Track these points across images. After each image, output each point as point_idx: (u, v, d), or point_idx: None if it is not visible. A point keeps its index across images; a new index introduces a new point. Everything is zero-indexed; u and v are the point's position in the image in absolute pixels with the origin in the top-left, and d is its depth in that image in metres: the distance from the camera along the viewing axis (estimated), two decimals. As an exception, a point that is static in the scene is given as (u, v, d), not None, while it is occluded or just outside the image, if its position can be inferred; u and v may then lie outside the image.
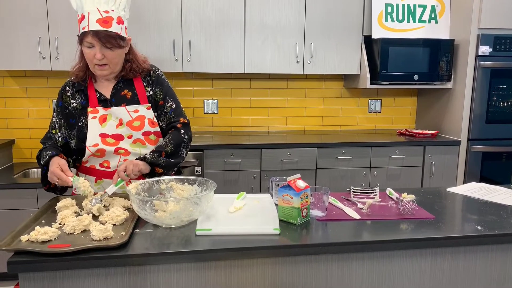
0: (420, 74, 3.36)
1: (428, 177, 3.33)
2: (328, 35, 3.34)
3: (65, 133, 1.77)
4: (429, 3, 3.39)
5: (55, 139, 1.77)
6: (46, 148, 1.73)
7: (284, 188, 1.46)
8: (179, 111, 1.82)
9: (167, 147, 1.71)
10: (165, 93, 1.80)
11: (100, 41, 1.60)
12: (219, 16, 3.19)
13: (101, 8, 1.60)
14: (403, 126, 3.93)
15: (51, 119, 1.80)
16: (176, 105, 1.82)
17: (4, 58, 2.95)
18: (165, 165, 1.69)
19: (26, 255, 1.17)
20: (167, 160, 1.70)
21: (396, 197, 1.72)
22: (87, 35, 1.60)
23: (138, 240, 1.31)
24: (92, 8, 1.60)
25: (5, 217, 2.80)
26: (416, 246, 1.37)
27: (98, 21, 1.59)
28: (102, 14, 1.60)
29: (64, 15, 2.93)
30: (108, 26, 1.60)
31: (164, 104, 1.79)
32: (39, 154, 1.73)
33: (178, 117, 1.80)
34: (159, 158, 1.67)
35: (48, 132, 1.79)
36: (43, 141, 1.79)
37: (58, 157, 1.66)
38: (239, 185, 3.12)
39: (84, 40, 1.62)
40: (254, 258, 1.30)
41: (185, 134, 1.78)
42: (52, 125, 1.79)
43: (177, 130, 1.77)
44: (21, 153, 3.40)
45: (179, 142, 1.75)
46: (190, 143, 1.82)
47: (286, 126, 3.80)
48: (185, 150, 1.80)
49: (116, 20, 1.63)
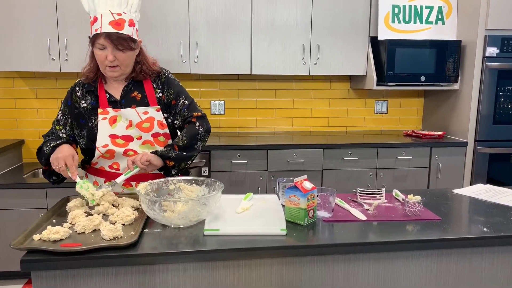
0: (426, 75, 3.36)
1: (434, 178, 3.32)
2: (334, 36, 3.35)
3: (71, 131, 1.79)
4: (436, 4, 3.39)
5: (58, 135, 1.77)
6: (51, 139, 1.72)
7: (290, 189, 1.48)
8: (193, 106, 1.83)
9: (179, 141, 1.72)
10: (177, 92, 1.81)
11: (112, 43, 1.62)
12: (226, 18, 3.21)
13: (113, 11, 1.63)
14: (410, 127, 3.93)
15: (56, 116, 1.80)
16: (189, 101, 1.82)
17: (15, 60, 2.99)
18: (176, 158, 1.69)
19: (39, 253, 1.19)
20: (178, 153, 1.69)
21: (402, 198, 1.73)
22: (99, 37, 1.63)
23: (147, 239, 1.33)
24: (105, 11, 1.62)
25: (15, 217, 2.84)
26: (422, 248, 1.38)
27: (110, 23, 1.61)
28: (114, 17, 1.62)
29: (73, 17, 2.97)
30: (120, 29, 1.63)
31: (176, 103, 1.81)
32: (41, 147, 1.71)
33: (192, 112, 1.80)
34: (169, 151, 1.68)
35: (52, 129, 1.80)
36: (46, 135, 1.79)
37: (72, 147, 1.67)
38: (246, 185, 3.14)
39: (96, 42, 1.64)
40: (261, 258, 1.31)
41: (200, 126, 1.78)
42: (56, 122, 1.79)
43: (191, 123, 1.78)
44: (31, 153, 3.44)
45: (193, 134, 1.75)
46: (207, 135, 1.82)
47: (293, 127, 3.81)
48: (202, 142, 1.79)
49: (128, 23, 1.65)
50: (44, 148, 1.69)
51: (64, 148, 1.64)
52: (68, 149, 1.64)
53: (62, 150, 1.63)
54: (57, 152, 1.62)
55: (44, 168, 1.73)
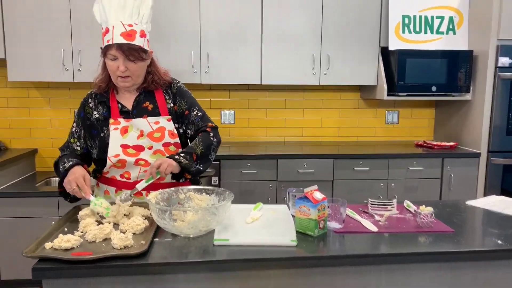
0: (438, 86, 3.34)
1: (447, 189, 3.28)
2: (344, 46, 3.36)
3: (85, 143, 1.81)
4: (447, 14, 3.38)
5: (73, 148, 1.80)
6: (66, 155, 1.75)
7: (301, 200, 1.47)
8: (206, 117, 1.87)
9: (197, 149, 1.73)
10: (190, 103, 1.85)
11: (124, 54, 1.65)
12: (236, 29, 3.24)
13: (125, 22, 1.65)
14: (421, 137, 3.90)
15: (71, 128, 1.83)
16: (202, 113, 1.87)
17: (30, 70, 3.05)
18: (194, 173, 1.73)
19: (50, 262, 1.20)
20: (197, 168, 1.73)
21: (414, 209, 1.71)
22: (111, 48, 1.65)
23: (157, 249, 1.33)
24: (117, 22, 1.65)
25: (27, 225, 2.87)
26: (435, 260, 1.36)
27: (122, 34, 1.64)
28: (126, 28, 1.65)
29: (87, 28, 3.02)
30: (131, 40, 1.65)
31: (189, 113, 1.83)
32: (57, 161, 1.74)
33: (206, 123, 1.85)
34: (191, 165, 1.69)
35: (67, 141, 1.83)
36: (61, 149, 1.82)
37: (82, 167, 1.68)
38: (255, 195, 3.13)
39: (108, 53, 1.67)
40: (271, 269, 1.30)
41: (214, 137, 1.81)
42: (71, 134, 1.82)
43: (206, 132, 1.81)
44: (44, 162, 3.49)
45: (208, 145, 1.77)
46: (218, 147, 1.85)
47: (303, 137, 3.80)
48: (214, 153, 1.82)
49: (139, 34, 1.68)
50: (59, 166, 1.71)
51: (75, 170, 1.64)
52: (78, 170, 1.64)
53: (73, 172, 1.63)
54: (68, 175, 1.62)
55: (59, 190, 1.75)
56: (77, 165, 1.67)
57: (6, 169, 3.00)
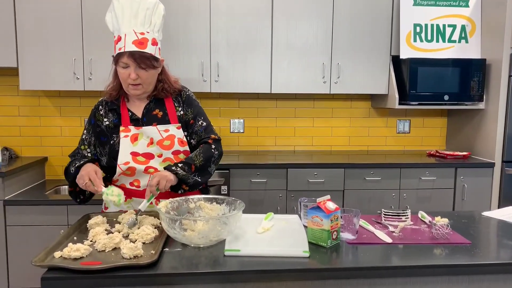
0: (450, 95, 3.30)
1: (460, 200, 3.22)
2: (355, 55, 3.34)
3: (95, 150, 1.81)
4: (459, 23, 3.35)
5: (83, 155, 1.81)
6: (76, 159, 1.76)
7: (313, 210, 1.44)
8: (210, 129, 1.86)
9: (197, 160, 1.72)
10: (196, 113, 1.84)
11: (135, 62, 1.65)
12: (246, 38, 3.24)
13: (137, 30, 1.66)
14: (433, 147, 3.84)
15: (81, 135, 1.84)
16: (207, 123, 1.86)
17: (41, 79, 3.07)
18: (192, 185, 1.71)
19: (59, 271, 1.19)
20: (195, 180, 1.71)
21: (429, 220, 1.67)
22: (123, 55, 1.65)
23: (167, 259, 1.31)
24: (129, 30, 1.65)
25: (37, 233, 2.87)
26: (452, 273, 1.32)
27: (134, 42, 1.64)
28: (138, 36, 1.65)
29: (98, 38, 3.04)
30: (143, 48, 1.65)
31: (194, 123, 1.82)
32: (68, 167, 1.75)
33: (209, 134, 1.83)
34: (188, 177, 1.68)
35: (77, 148, 1.83)
36: (72, 155, 1.83)
37: (94, 164, 1.71)
38: (265, 205, 3.10)
39: (120, 61, 1.67)
40: (283, 281, 1.27)
41: (215, 149, 1.80)
42: (82, 141, 1.83)
43: (208, 144, 1.80)
44: (54, 170, 3.50)
45: (209, 157, 1.76)
46: (219, 159, 1.83)
47: (312, 146, 3.77)
48: (214, 166, 1.80)
49: (151, 42, 1.68)
50: (70, 168, 1.73)
51: (87, 166, 1.68)
52: (90, 166, 1.68)
53: (85, 168, 1.66)
54: (81, 171, 1.65)
55: (70, 190, 1.77)
56: (88, 162, 1.70)
57: (16, 177, 3.01)
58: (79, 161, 1.72)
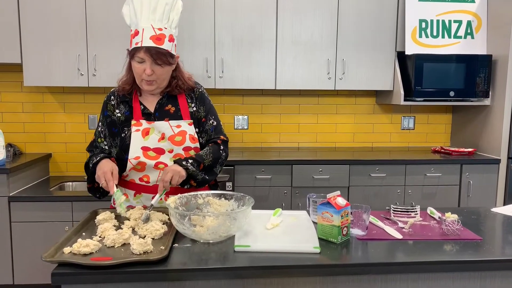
0: (456, 91, 3.28)
1: (465, 196, 3.21)
2: (360, 51, 3.32)
3: (109, 142, 1.80)
4: (465, 18, 3.33)
5: (101, 148, 1.80)
6: (95, 154, 1.76)
7: (323, 206, 1.43)
8: (219, 128, 1.86)
9: (206, 159, 1.72)
10: (207, 111, 1.84)
11: (152, 57, 1.63)
12: (251, 34, 3.23)
13: (155, 26, 1.64)
14: (438, 143, 3.83)
15: (97, 128, 1.83)
16: (217, 122, 1.86)
17: (46, 75, 3.06)
18: (200, 181, 1.72)
19: (69, 267, 1.18)
20: (203, 177, 1.72)
21: (439, 216, 1.65)
22: (139, 50, 1.63)
23: (177, 254, 1.30)
24: (147, 25, 1.63)
25: (41, 229, 2.86)
26: (464, 269, 1.31)
27: (151, 38, 1.62)
28: (155, 31, 1.63)
29: (102, 33, 3.02)
30: (160, 44, 1.63)
31: (206, 121, 1.82)
32: (87, 162, 1.75)
33: (219, 135, 1.84)
34: (198, 173, 1.69)
35: (94, 141, 1.82)
36: (89, 149, 1.82)
37: (110, 160, 1.69)
38: (270, 201, 3.09)
39: (136, 55, 1.65)
40: (294, 277, 1.26)
41: (223, 151, 1.81)
42: (98, 134, 1.82)
43: (217, 145, 1.80)
44: (57, 167, 3.49)
45: (217, 158, 1.77)
46: (226, 161, 1.84)
47: (317, 143, 3.76)
48: (220, 167, 1.81)
49: (168, 38, 1.66)
50: (89, 164, 1.72)
51: (103, 164, 1.66)
52: (106, 164, 1.66)
53: (101, 166, 1.65)
54: (97, 170, 1.65)
55: (88, 186, 1.78)
56: (104, 158, 1.69)
57: (20, 174, 3.00)
58: (96, 157, 1.71)
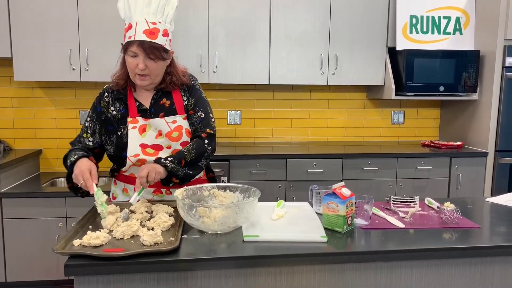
0: (445, 86, 3.36)
1: (455, 188, 3.29)
2: (352, 46, 3.36)
3: (100, 138, 1.77)
4: (454, 15, 3.40)
5: (85, 143, 1.76)
6: (75, 149, 1.70)
7: (329, 196, 1.46)
8: (207, 121, 1.79)
9: (188, 155, 1.67)
10: (196, 102, 1.79)
11: (145, 52, 1.61)
12: (244, 29, 3.23)
13: (149, 19, 1.62)
14: (426, 137, 3.91)
15: (84, 123, 1.79)
16: (205, 114, 1.80)
17: (37, 70, 3.01)
18: (182, 177, 1.66)
19: (81, 259, 1.18)
20: (185, 172, 1.66)
21: (438, 206, 1.70)
22: (132, 44, 1.62)
23: (186, 245, 1.31)
24: (141, 19, 1.62)
25: (33, 226, 2.83)
26: (466, 255, 1.35)
27: (145, 32, 1.61)
28: (149, 26, 1.62)
29: (95, 28, 2.99)
30: (154, 38, 1.62)
31: (193, 114, 1.78)
32: (67, 154, 1.69)
33: (205, 128, 1.77)
34: (178, 169, 1.63)
35: (79, 136, 1.78)
36: (72, 143, 1.77)
37: (88, 159, 1.64)
38: (265, 195, 3.06)
39: (129, 49, 1.64)
40: (303, 265, 1.29)
41: (208, 145, 1.74)
42: (85, 129, 1.77)
43: (201, 139, 1.74)
44: (48, 163, 3.44)
45: (201, 152, 1.71)
46: (212, 154, 1.78)
47: (309, 137, 3.80)
48: (206, 160, 1.75)
49: (162, 33, 1.64)
50: (68, 160, 1.66)
51: (80, 163, 1.59)
52: (84, 163, 1.60)
53: (79, 165, 1.59)
54: (75, 169, 1.58)
55: (68, 186, 1.69)
56: (82, 157, 1.63)
57: (10, 170, 2.95)
58: (74, 154, 1.64)
